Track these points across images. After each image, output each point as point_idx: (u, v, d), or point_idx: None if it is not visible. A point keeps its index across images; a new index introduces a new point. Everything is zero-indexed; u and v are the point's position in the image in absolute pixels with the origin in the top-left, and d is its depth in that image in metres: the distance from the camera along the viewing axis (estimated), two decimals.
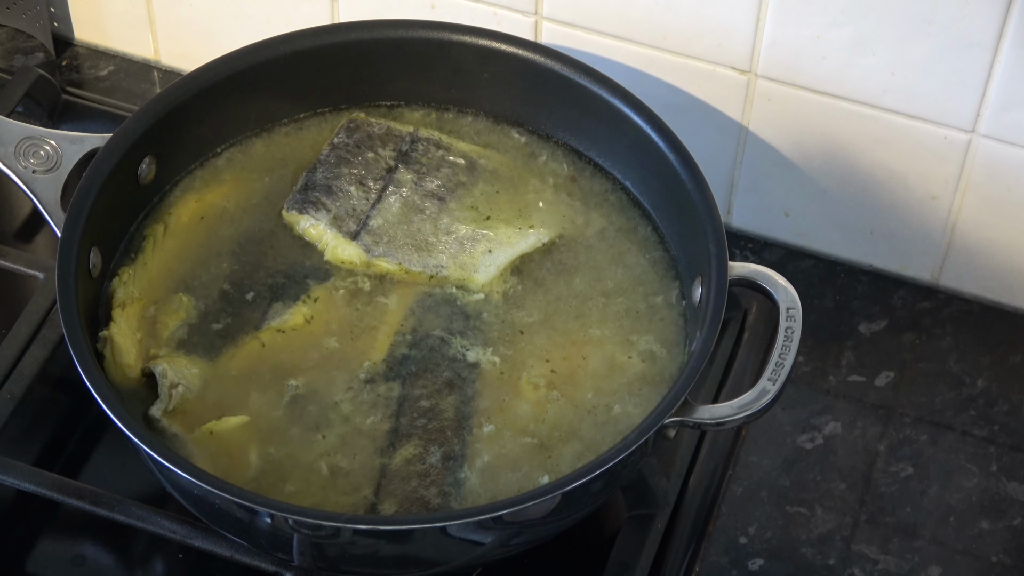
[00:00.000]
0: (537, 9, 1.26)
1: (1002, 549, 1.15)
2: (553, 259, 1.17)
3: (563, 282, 1.16)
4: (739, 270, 1.09)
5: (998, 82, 1.16)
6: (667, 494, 1.16)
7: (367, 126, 1.21)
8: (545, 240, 1.17)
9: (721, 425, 1.03)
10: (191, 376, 1.09)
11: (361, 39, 1.21)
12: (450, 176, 1.19)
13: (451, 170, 1.19)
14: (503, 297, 1.15)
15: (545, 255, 1.17)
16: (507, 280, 1.15)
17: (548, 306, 1.15)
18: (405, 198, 1.17)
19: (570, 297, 1.15)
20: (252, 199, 1.20)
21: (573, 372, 1.11)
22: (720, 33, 1.21)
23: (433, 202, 1.17)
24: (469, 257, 1.15)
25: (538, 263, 1.17)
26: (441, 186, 1.18)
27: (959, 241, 1.26)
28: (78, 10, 1.42)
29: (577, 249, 1.18)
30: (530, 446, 1.08)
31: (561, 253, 1.17)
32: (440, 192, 1.18)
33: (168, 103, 1.17)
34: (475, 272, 1.14)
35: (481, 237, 1.16)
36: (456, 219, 1.17)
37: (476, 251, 1.15)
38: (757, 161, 1.28)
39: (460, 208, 1.18)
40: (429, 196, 1.17)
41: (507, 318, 1.14)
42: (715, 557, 1.15)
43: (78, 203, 1.10)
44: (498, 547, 1.06)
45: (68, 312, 1.05)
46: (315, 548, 1.04)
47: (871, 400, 1.23)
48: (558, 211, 1.19)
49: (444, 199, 1.18)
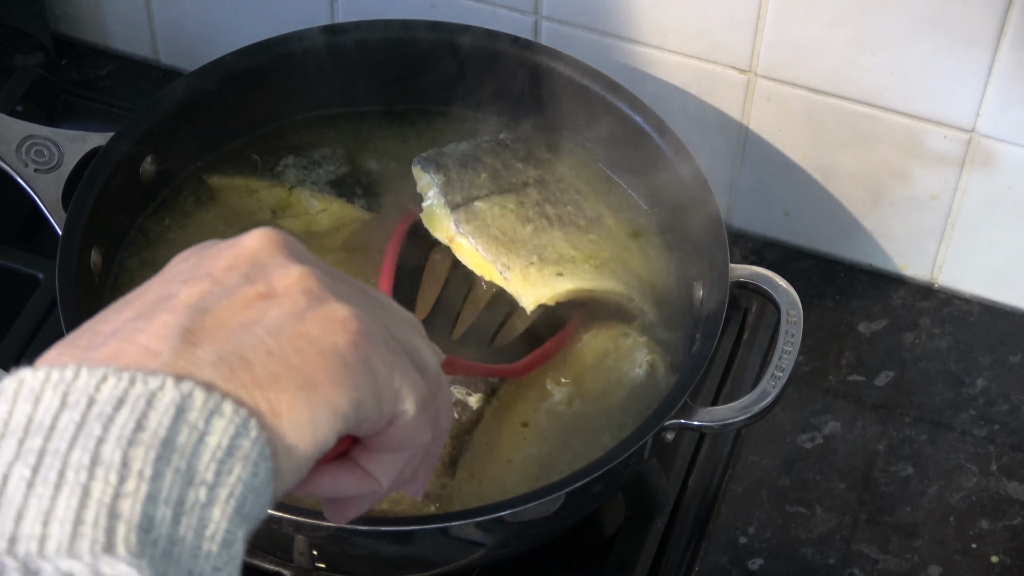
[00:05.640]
0: (537, 9, 1.26)
1: (1002, 549, 1.15)
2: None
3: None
4: (740, 272, 1.09)
5: (998, 82, 1.16)
6: (667, 494, 1.16)
7: (533, 145, 1.20)
8: (619, 290, 1.13)
9: (721, 428, 1.04)
10: None
11: (361, 39, 1.21)
12: (571, 214, 1.17)
13: (576, 210, 1.17)
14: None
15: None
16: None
17: (547, 311, 1.14)
18: (521, 206, 1.15)
19: (568, 301, 1.15)
20: (253, 199, 1.20)
21: (573, 373, 1.11)
22: (720, 33, 1.21)
23: (542, 220, 1.15)
24: (538, 272, 1.12)
25: None
26: (559, 216, 1.16)
27: (959, 241, 1.27)
28: (78, 10, 1.42)
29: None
30: (529, 447, 1.08)
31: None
32: (554, 218, 1.16)
33: (168, 103, 1.17)
34: (531, 286, 1.12)
35: (561, 264, 1.13)
36: (551, 243, 1.14)
37: (547, 270, 1.12)
38: (757, 161, 1.28)
39: (563, 239, 1.15)
40: (542, 215, 1.15)
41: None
42: (715, 557, 1.15)
43: (79, 202, 1.10)
44: (498, 548, 1.06)
45: (68, 312, 1.05)
46: (314, 548, 1.04)
47: (871, 400, 1.23)
48: (639, 280, 1.16)
49: (553, 224, 1.15)
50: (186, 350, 0.66)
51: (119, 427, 0.63)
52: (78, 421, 0.63)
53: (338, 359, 0.68)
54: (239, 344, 0.67)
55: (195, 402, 0.64)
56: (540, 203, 1.16)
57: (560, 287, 1.12)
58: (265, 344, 0.67)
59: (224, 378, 0.66)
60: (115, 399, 0.63)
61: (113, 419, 0.63)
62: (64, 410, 0.63)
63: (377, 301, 0.75)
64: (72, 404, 0.63)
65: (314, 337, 0.68)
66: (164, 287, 0.70)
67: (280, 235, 0.73)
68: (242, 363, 0.66)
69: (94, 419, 0.63)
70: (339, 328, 0.69)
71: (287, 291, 0.70)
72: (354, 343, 0.69)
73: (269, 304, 0.69)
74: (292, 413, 0.66)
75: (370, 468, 0.74)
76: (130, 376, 0.64)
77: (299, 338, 0.68)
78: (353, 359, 0.69)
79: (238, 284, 0.70)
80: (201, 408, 0.64)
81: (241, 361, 0.66)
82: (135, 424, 0.63)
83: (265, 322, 0.68)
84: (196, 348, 0.66)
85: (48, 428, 0.63)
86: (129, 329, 0.67)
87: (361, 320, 0.70)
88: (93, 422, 0.63)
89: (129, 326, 0.67)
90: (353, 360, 0.69)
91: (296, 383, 0.67)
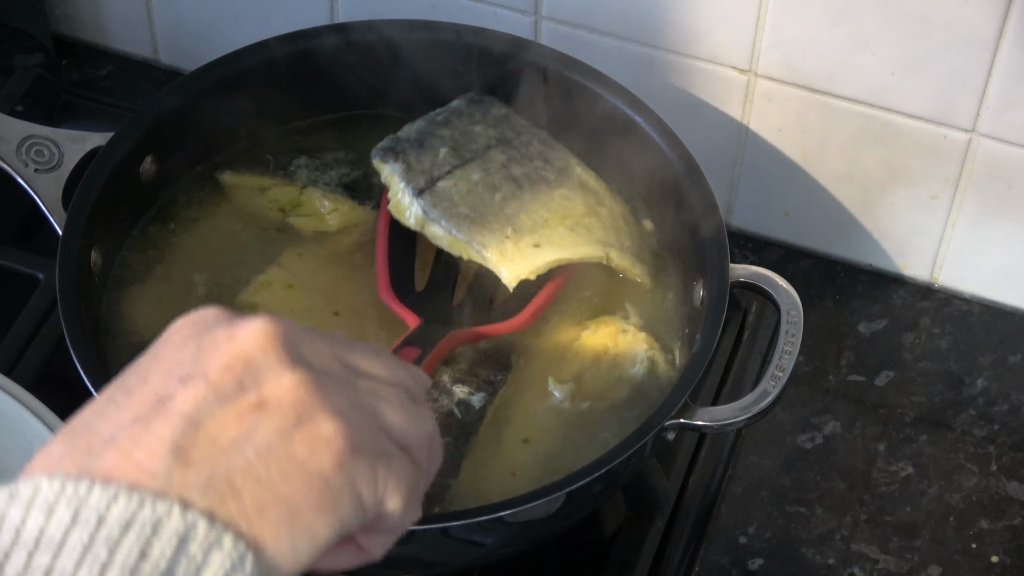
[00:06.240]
0: (537, 9, 1.26)
1: (1002, 549, 1.15)
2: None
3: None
4: (740, 272, 1.09)
5: (998, 82, 1.16)
6: (667, 494, 1.16)
7: (490, 104, 1.19)
8: (596, 255, 1.13)
9: (721, 428, 1.03)
10: None
11: (362, 39, 1.20)
12: (539, 169, 1.16)
13: (543, 164, 1.16)
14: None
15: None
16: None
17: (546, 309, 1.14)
18: (486, 174, 1.14)
19: (567, 298, 1.15)
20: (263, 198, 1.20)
21: (573, 371, 1.11)
22: (720, 33, 1.21)
23: (510, 186, 1.14)
24: (514, 245, 1.11)
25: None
26: (526, 175, 1.15)
27: (959, 241, 1.27)
28: (78, 10, 1.42)
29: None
30: (531, 447, 1.08)
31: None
32: (521, 180, 1.14)
33: (169, 103, 1.17)
34: (510, 262, 1.11)
35: (536, 231, 1.12)
36: (523, 208, 1.13)
37: (523, 242, 1.11)
38: (757, 161, 1.28)
39: (534, 200, 1.14)
40: (509, 180, 1.14)
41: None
42: (715, 557, 1.15)
43: (79, 202, 1.10)
44: (498, 548, 1.06)
45: (68, 312, 1.05)
46: None
47: (871, 400, 1.23)
48: (618, 237, 1.16)
49: (523, 187, 1.14)
50: (178, 470, 0.69)
51: (124, 554, 0.66)
52: (86, 542, 0.66)
53: (323, 484, 0.71)
54: (229, 467, 0.70)
55: (198, 533, 0.68)
56: (506, 164, 1.15)
57: (538, 260, 1.11)
58: (254, 469, 0.70)
59: (217, 504, 0.69)
60: (123, 521, 0.67)
61: (120, 543, 0.66)
62: (75, 527, 0.67)
63: (366, 384, 0.77)
64: (82, 522, 0.67)
65: (300, 460, 0.71)
66: (162, 383, 0.73)
67: (278, 329, 0.75)
68: (231, 491, 0.69)
69: (101, 542, 0.66)
70: (324, 449, 0.72)
71: (278, 403, 0.72)
72: (339, 464, 0.72)
73: (260, 417, 0.72)
74: (276, 544, 0.70)
75: (366, 545, 0.77)
76: (139, 499, 0.67)
77: (286, 461, 0.71)
78: (337, 482, 0.72)
79: (232, 392, 0.72)
80: (202, 540, 0.68)
81: (230, 488, 0.69)
82: (139, 552, 0.66)
83: (255, 441, 0.71)
84: (188, 469, 0.69)
85: (58, 545, 0.66)
86: (126, 438, 0.70)
87: (346, 437, 0.73)
88: (100, 545, 0.66)
89: (126, 433, 0.70)
90: (337, 483, 0.72)
91: (281, 514, 0.70)
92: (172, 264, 1.17)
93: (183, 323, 0.77)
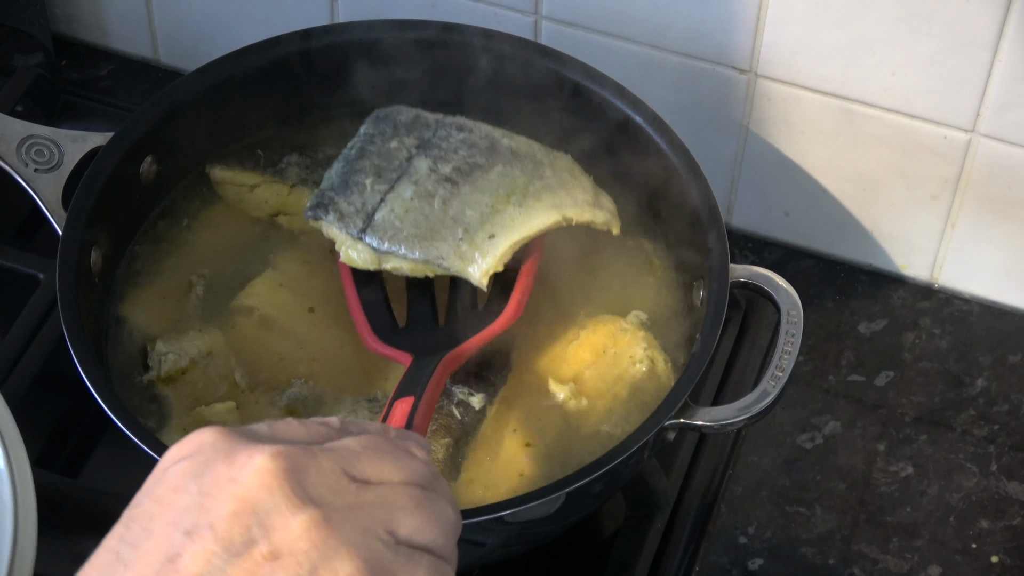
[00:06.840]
0: (537, 9, 1.26)
1: (1002, 549, 1.15)
2: (548, 259, 1.16)
3: (561, 283, 1.16)
4: (740, 272, 1.09)
5: (998, 82, 1.16)
6: (667, 494, 1.16)
7: (396, 114, 1.17)
8: (549, 222, 1.10)
9: (721, 428, 1.03)
10: (191, 347, 1.09)
11: (362, 39, 1.20)
12: (467, 158, 1.13)
13: (468, 151, 1.13)
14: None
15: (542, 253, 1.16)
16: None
17: (545, 308, 1.14)
18: (417, 185, 1.11)
19: (567, 297, 1.15)
20: (253, 195, 1.20)
21: (573, 371, 1.11)
22: (720, 33, 1.21)
23: (446, 187, 1.11)
24: (470, 245, 1.09)
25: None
26: (456, 169, 1.12)
27: (959, 241, 1.27)
28: (78, 10, 1.42)
29: (575, 247, 1.17)
30: (532, 447, 1.08)
31: (558, 251, 1.17)
32: (454, 176, 1.12)
33: (169, 103, 1.17)
34: (473, 263, 1.09)
35: (487, 221, 1.10)
36: (467, 204, 1.11)
37: (478, 238, 1.09)
38: (757, 161, 1.28)
39: (473, 192, 1.11)
40: (443, 181, 1.11)
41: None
42: (715, 557, 1.15)
43: (79, 201, 1.10)
44: (498, 548, 1.06)
45: (68, 312, 1.05)
46: None
47: (871, 400, 1.23)
48: (569, 195, 1.13)
49: (458, 183, 1.11)
50: None
51: None
52: None
53: None
54: None
55: None
56: (433, 167, 1.12)
57: (497, 249, 1.09)
58: None
59: None
60: None
61: None
62: None
63: (377, 496, 0.74)
64: None
65: None
66: (167, 538, 0.70)
67: (281, 464, 0.71)
68: None
69: None
70: None
71: (291, 552, 0.70)
72: None
73: (275, 569, 0.69)
74: None
75: None
76: None
77: None
78: None
79: (242, 544, 0.69)
80: None
81: None
82: None
83: None
84: None
85: None
86: None
87: (366, 573, 0.70)
88: None
89: None
90: None
91: None
92: (172, 263, 1.17)
93: (179, 452, 0.73)
